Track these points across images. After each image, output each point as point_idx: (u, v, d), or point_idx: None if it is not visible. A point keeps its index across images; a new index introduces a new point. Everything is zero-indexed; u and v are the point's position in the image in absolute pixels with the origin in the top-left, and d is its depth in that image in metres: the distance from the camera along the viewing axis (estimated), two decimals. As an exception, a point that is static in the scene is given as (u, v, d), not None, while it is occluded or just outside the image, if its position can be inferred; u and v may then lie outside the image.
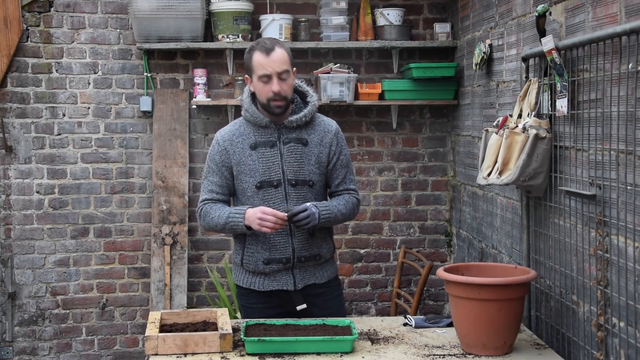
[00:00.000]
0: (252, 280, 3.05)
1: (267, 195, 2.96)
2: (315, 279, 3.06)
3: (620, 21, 2.30)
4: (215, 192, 3.02)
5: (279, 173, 2.96)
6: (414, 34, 4.67)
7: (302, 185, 2.98)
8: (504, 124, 2.97)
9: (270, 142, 2.97)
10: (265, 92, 2.90)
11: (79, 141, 4.62)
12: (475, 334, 2.58)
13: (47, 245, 4.61)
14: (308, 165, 2.99)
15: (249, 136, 2.99)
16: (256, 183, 2.96)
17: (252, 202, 2.97)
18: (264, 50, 2.89)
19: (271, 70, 2.87)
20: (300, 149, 2.98)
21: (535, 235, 3.05)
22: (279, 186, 2.96)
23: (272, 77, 2.88)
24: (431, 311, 4.77)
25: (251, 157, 2.97)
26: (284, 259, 2.98)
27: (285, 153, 2.97)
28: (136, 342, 4.70)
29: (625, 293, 2.28)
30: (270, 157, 2.96)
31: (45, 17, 4.55)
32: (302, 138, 2.99)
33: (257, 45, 2.93)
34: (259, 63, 2.89)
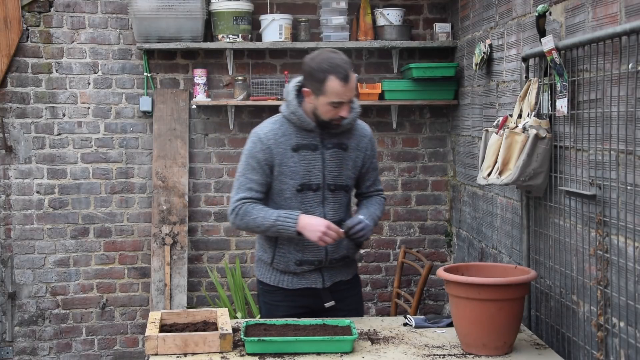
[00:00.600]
0: (281, 279, 3.05)
1: (305, 198, 2.96)
2: (342, 276, 3.09)
3: (620, 21, 2.30)
4: (254, 190, 2.94)
5: (320, 177, 2.95)
6: (414, 34, 4.67)
7: (340, 190, 3.00)
8: (504, 124, 2.97)
9: (313, 145, 2.94)
10: (332, 114, 2.86)
11: (79, 141, 4.62)
12: (475, 334, 2.58)
13: (47, 245, 4.61)
14: (346, 170, 3.00)
15: (291, 137, 2.94)
16: (297, 186, 2.93)
17: (289, 204, 2.95)
18: (343, 78, 2.79)
19: (346, 98, 2.83)
20: (341, 154, 2.98)
21: (535, 235, 3.05)
22: (318, 190, 2.96)
23: (344, 103, 2.84)
24: (431, 311, 4.76)
25: (293, 159, 2.93)
26: (316, 261, 3.00)
27: (328, 158, 2.95)
28: (136, 342, 4.70)
29: (625, 293, 2.28)
30: (312, 161, 2.94)
31: (45, 17, 4.55)
32: (342, 143, 2.98)
33: (332, 69, 2.80)
34: (335, 91, 2.80)
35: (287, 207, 2.95)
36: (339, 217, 3.00)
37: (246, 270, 4.71)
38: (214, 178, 4.69)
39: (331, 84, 2.80)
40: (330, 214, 2.97)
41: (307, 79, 2.87)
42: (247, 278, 4.70)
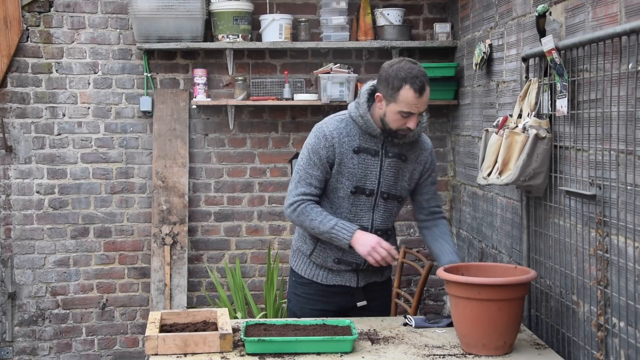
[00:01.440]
0: (316, 273, 3.08)
1: (357, 201, 2.97)
2: (377, 278, 3.12)
3: (620, 21, 2.30)
4: (314, 186, 2.94)
5: (375, 183, 2.96)
6: (414, 34, 4.67)
7: (393, 200, 3.01)
8: (504, 124, 2.97)
9: (374, 150, 2.94)
10: (400, 124, 2.85)
11: (79, 141, 4.62)
12: (475, 334, 2.58)
13: (47, 245, 4.61)
14: (402, 181, 3.01)
15: (354, 138, 2.93)
16: (352, 188, 2.94)
17: (341, 204, 2.97)
18: (418, 89, 2.77)
19: (417, 110, 2.81)
20: (399, 164, 2.98)
21: (535, 235, 3.05)
22: (371, 195, 2.97)
23: (414, 115, 2.83)
24: (431, 311, 4.76)
25: (352, 161, 2.93)
26: (354, 264, 3.02)
27: (386, 166, 2.95)
28: (136, 342, 4.70)
29: (625, 293, 2.28)
30: (370, 166, 2.94)
31: (45, 17, 4.55)
32: (402, 154, 2.98)
33: (409, 78, 2.78)
34: (408, 101, 2.79)
35: (339, 206, 2.97)
36: (386, 226, 3.03)
37: (246, 270, 4.71)
38: (214, 178, 4.70)
39: (405, 93, 2.78)
40: (379, 222, 3.00)
41: (382, 84, 2.84)
42: (247, 278, 4.70)
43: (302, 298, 3.13)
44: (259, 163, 4.71)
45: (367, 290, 3.10)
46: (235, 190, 4.70)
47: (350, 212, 2.97)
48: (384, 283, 3.18)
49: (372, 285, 3.11)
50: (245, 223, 4.71)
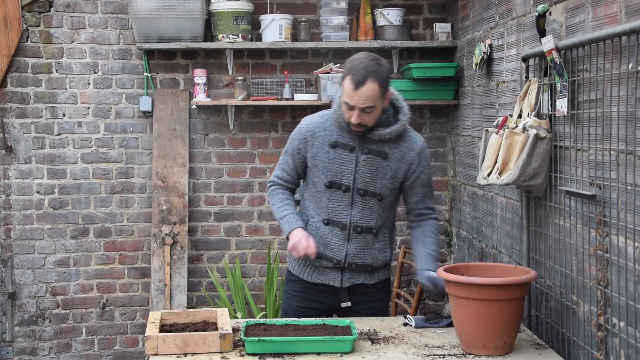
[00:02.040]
0: (302, 270, 3.11)
1: (334, 196, 2.98)
2: (364, 280, 3.08)
3: (620, 21, 2.30)
4: (286, 172, 3.10)
5: (350, 179, 2.96)
6: (414, 34, 4.67)
7: (371, 197, 2.98)
8: (504, 124, 2.97)
9: (350, 146, 2.94)
10: (347, 116, 2.86)
11: (79, 141, 4.62)
12: (475, 334, 2.58)
13: (47, 245, 4.61)
14: (382, 179, 2.97)
15: (331, 133, 2.96)
16: (326, 182, 2.97)
17: (320, 199, 3.01)
18: (355, 81, 2.77)
19: (354, 103, 2.79)
20: (377, 161, 2.95)
21: (535, 235, 3.05)
22: (347, 191, 2.96)
23: (355, 108, 2.81)
24: (431, 311, 4.76)
25: (328, 155, 2.96)
26: (335, 260, 3.01)
27: (362, 162, 2.94)
28: (136, 342, 4.70)
29: (625, 293, 2.28)
30: (346, 161, 2.95)
31: (45, 17, 4.55)
32: (382, 151, 2.95)
33: (352, 69, 2.79)
34: (346, 92, 2.81)
35: (319, 200, 3.01)
36: (366, 223, 3.00)
37: (246, 270, 4.71)
38: (214, 178, 4.70)
39: (346, 83, 2.81)
40: (357, 218, 2.99)
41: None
42: (247, 278, 4.70)
43: (290, 295, 3.17)
44: (259, 163, 4.71)
45: (352, 291, 3.07)
46: (235, 190, 4.70)
47: (329, 208, 3.00)
48: (375, 286, 3.11)
49: (358, 287, 3.07)
50: (245, 223, 4.71)
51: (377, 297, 3.13)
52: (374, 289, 3.11)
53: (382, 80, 2.79)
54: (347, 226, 2.99)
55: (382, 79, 2.80)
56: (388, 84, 2.85)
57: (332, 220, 2.99)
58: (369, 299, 3.10)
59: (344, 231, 2.99)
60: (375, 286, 3.12)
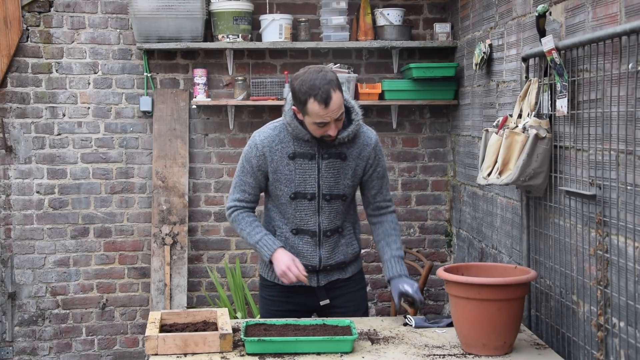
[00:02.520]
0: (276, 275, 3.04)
1: (300, 206, 2.96)
2: (339, 275, 3.09)
3: (620, 21, 2.30)
4: (247, 192, 3.03)
5: (315, 187, 2.94)
6: (414, 34, 4.67)
7: (336, 200, 2.98)
8: (504, 124, 2.97)
9: (309, 154, 2.92)
10: (320, 132, 2.83)
11: (79, 141, 4.62)
12: (475, 334, 2.58)
13: (47, 245, 4.61)
14: (344, 179, 2.97)
15: (288, 145, 2.93)
16: (290, 194, 2.94)
17: (285, 210, 2.98)
18: (323, 100, 2.73)
19: (329, 119, 2.77)
20: (338, 164, 2.95)
21: (535, 235, 3.05)
22: (313, 199, 2.95)
23: (330, 123, 2.79)
24: (431, 311, 4.76)
25: (288, 167, 2.93)
26: (309, 266, 3.01)
27: (324, 168, 2.93)
28: (136, 342, 4.70)
29: (625, 293, 2.28)
30: (308, 170, 2.93)
31: (45, 17, 4.55)
32: (341, 153, 2.94)
33: (312, 90, 2.73)
34: (316, 113, 2.75)
35: (284, 212, 2.99)
36: (335, 225, 3.01)
37: (246, 270, 4.71)
38: (214, 178, 4.69)
39: (311, 106, 2.75)
40: (326, 223, 2.99)
41: (294, 98, 2.83)
42: (247, 278, 4.70)
43: (267, 300, 3.15)
44: (259, 163, 4.70)
45: (329, 288, 3.06)
46: (235, 190, 4.69)
47: (296, 217, 2.98)
48: (351, 279, 3.11)
49: (334, 283, 3.07)
50: (245, 223, 4.71)
51: (353, 289, 3.13)
52: (349, 282, 3.11)
53: (339, 85, 2.79)
54: (316, 233, 2.98)
55: (339, 84, 2.79)
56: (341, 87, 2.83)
57: (300, 230, 2.99)
58: (346, 292, 3.10)
59: (314, 238, 2.99)
60: (350, 279, 3.12)
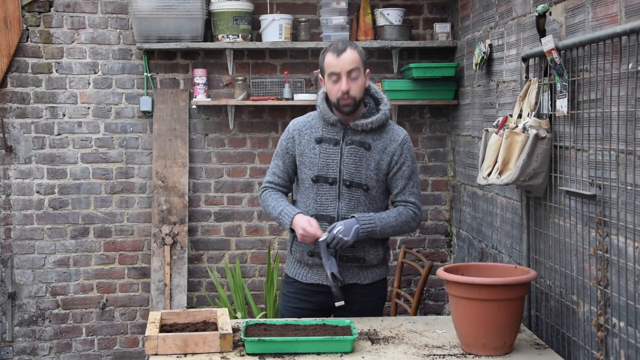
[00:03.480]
0: (297, 271, 3.14)
1: (321, 190, 3.03)
2: (358, 279, 3.08)
3: (620, 21, 2.30)
4: (277, 175, 3.16)
5: (336, 171, 3.01)
6: (414, 34, 4.67)
7: (357, 188, 3.01)
8: (504, 124, 2.97)
9: (335, 139, 3.03)
10: (335, 91, 2.96)
11: (79, 141, 4.62)
12: (475, 334, 2.58)
13: (47, 245, 4.61)
14: (367, 170, 3.02)
15: (317, 130, 3.07)
16: (313, 176, 3.03)
17: (307, 195, 3.06)
18: (335, 51, 2.96)
19: (340, 69, 2.93)
20: (361, 152, 3.01)
21: (535, 235, 3.05)
22: (334, 184, 3.02)
23: (341, 75, 2.94)
24: (431, 311, 4.77)
25: (314, 151, 3.04)
26: None
27: (346, 154, 3.01)
28: (136, 342, 4.70)
29: (625, 293, 2.28)
30: (331, 154, 3.02)
31: (45, 17, 4.55)
32: (365, 142, 3.02)
33: (330, 47, 3.00)
34: (329, 63, 2.97)
35: (307, 196, 3.07)
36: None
37: (246, 270, 4.71)
38: (214, 178, 4.69)
39: (327, 58, 2.98)
40: (345, 210, 3.02)
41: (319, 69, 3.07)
42: (247, 278, 4.70)
43: (286, 296, 3.19)
44: (259, 163, 4.71)
45: (346, 291, 3.05)
46: (235, 190, 4.70)
47: (316, 202, 3.04)
48: (370, 286, 3.11)
49: (352, 287, 3.07)
50: (245, 223, 4.71)
51: (370, 298, 3.13)
52: (368, 289, 3.11)
53: (360, 51, 3.00)
54: (334, 219, 3.01)
55: (360, 51, 3.01)
56: (366, 61, 3.04)
57: (319, 215, 3.02)
58: (363, 299, 3.10)
59: (332, 224, 2.99)
60: (370, 287, 3.11)
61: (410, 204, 3.07)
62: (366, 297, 3.11)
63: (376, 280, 3.13)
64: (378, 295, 3.17)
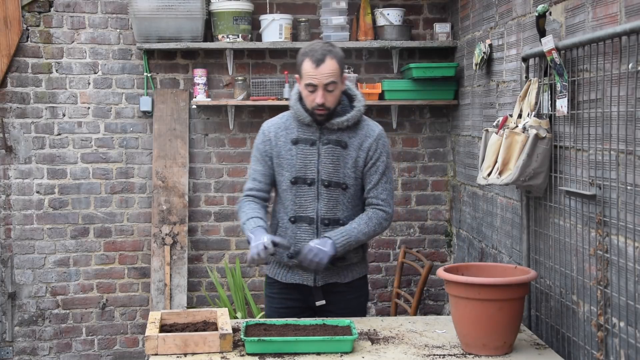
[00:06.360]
0: (277, 271, 3.11)
1: (300, 192, 3.00)
2: (338, 278, 3.07)
3: (620, 21, 2.31)
4: (258, 180, 3.08)
5: (314, 172, 2.99)
6: (414, 34, 4.67)
7: (335, 187, 3.00)
8: (504, 124, 2.97)
9: (311, 140, 3.00)
10: (310, 100, 2.92)
11: (79, 141, 4.62)
12: (475, 334, 2.58)
13: (47, 245, 4.61)
14: (344, 168, 3.00)
15: (292, 131, 3.03)
16: (291, 178, 3.00)
17: (286, 196, 3.03)
18: (314, 60, 2.88)
19: (317, 82, 2.88)
20: (338, 151, 2.99)
21: (535, 235, 3.05)
22: (313, 185, 2.99)
23: (318, 87, 2.89)
24: (431, 311, 4.77)
25: (290, 152, 3.01)
26: None
27: (323, 153, 2.98)
28: (136, 342, 4.70)
29: (625, 293, 2.28)
30: (308, 155, 2.99)
31: (45, 17, 4.55)
32: (341, 140, 2.99)
33: (308, 52, 2.91)
34: (307, 73, 2.89)
35: (285, 199, 3.03)
36: (333, 215, 3.00)
37: (246, 270, 4.71)
38: (214, 178, 4.69)
39: (305, 65, 2.90)
40: (324, 210, 2.99)
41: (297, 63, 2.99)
42: (247, 278, 4.70)
43: (269, 298, 3.17)
44: (259, 163, 4.70)
45: (326, 290, 3.04)
46: (235, 190, 4.70)
47: (295, 204, 3.01)
48: (350, 285, 3.09)
49: (332, 286, 3.05)
50: (245, 223, 4.71)
51: (352, 296, 3.11)
52: (348, 288, 3.09)
53: (339, 58, 2.93)
54: (314, 220, 2.99)
55: (339, 57, 2.93)
56: (344, 64, 2.97)
57: (298, 217, 3.00)
58: (344, 298, 3.08)
59: (311, 225, 2.99)
60: (350, 285, 3.09)
61: (381, 202, 3.04)
62: (348, 295, 3.09)
63: (357, 278, 3.12)
64: (360, 293, 3.16)
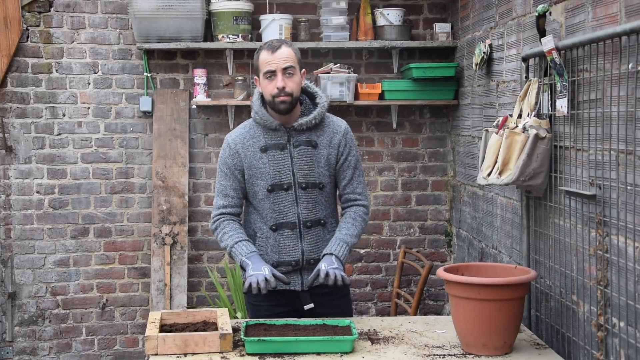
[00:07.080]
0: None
1: (277, 198, 2.97)
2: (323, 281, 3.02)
3: (620, 21, 2.31)
4: (230, 196, 3.02)
5: (290, 176, 2.96)
6: (414, 34, 4.67)
7: (313, 188, 2.98)
8: (504, 124, 2.97)
9: (281, 144, 2.96)
10: (270, 89, 2.90)
11: (79, 141, 4.62)
12: (475, 334, 2.58)
13: (47, 245, 4.61)
14: (318, 167, 2.98)
15: (259, 139, 2.98)
16: (267, 186, 2.96)
17: (263, 206, 2.98)
18: (270, 48, 2.93)
19: (275, 66, 2.89)
20: (310, 151, 2.97)
21: (535, 235, 3.05)
22: (290, 189, 2.96)
23: (276, 73, 2.89)
24: (431, 311, 4.77)
25: (262, 160, 2.96)
26: (293, 262, 2.99)
27: (296, 156, 2.96)
28: (136, 342, 4.70)
29: (625, 293, 2.28)
30: (281, 160, 2.96)
31: (45, 17, 4.55)
32: (311, 140, 2.98)
33: (264, 45, 2.98)
34: (264, 60, 2.92)
35: (262, 208, 2.99)
36: (315, 216, 3.00)
37: (246, 270, 4.71)
38: (214, 178, 4.69)
39: (262, 56, 2.94)
40: (305, 213, 2.98)
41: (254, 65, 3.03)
42: (247, 278, 4.70)
43: (255, 306, 3.09)
44: (259, 163, 4.70)
45: (314, 293, 3.02)
46: (235, 190, 4.69)
47: (274, 211, 2.98)
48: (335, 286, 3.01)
49: (319, 288, 3.01)
50: (245, 223, 4.71)
51: (337, 295, 3.08)
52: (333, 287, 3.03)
53: (295, 48, 2.98)
54: (296, 224, 2.98)
55: (295, 48, 2.98)
56: (301, 60, 3.00)
57: (279, 224, 2.98)
58: (330, 298, 3.06)
59: (294, 230, 2.97)
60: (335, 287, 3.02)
61: (358, 196, 3.07)
62: (333, 295, 3.06)
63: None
64: (344, 292, 3.14)
